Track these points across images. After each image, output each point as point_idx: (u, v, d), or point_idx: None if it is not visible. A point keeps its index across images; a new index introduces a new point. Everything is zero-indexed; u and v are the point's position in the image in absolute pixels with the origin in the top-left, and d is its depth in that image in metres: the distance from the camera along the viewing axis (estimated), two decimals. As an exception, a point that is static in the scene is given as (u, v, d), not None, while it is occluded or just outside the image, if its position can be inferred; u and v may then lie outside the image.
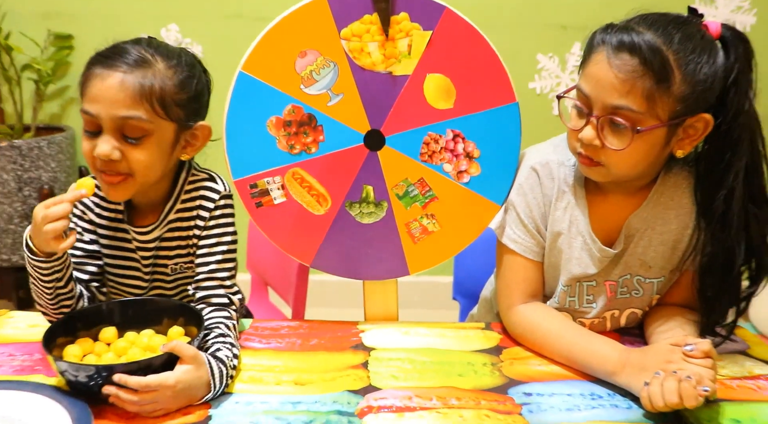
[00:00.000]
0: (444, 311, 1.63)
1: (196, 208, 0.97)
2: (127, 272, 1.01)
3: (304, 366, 0.92)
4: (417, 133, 0.99)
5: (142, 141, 0.88)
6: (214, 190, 0.98)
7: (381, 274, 1.05)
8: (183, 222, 0.98)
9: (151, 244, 0.99)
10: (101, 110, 0.86)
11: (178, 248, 0.99)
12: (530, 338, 0.96)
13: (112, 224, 0.99)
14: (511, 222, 0.99)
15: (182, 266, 1.00)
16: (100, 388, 0.79)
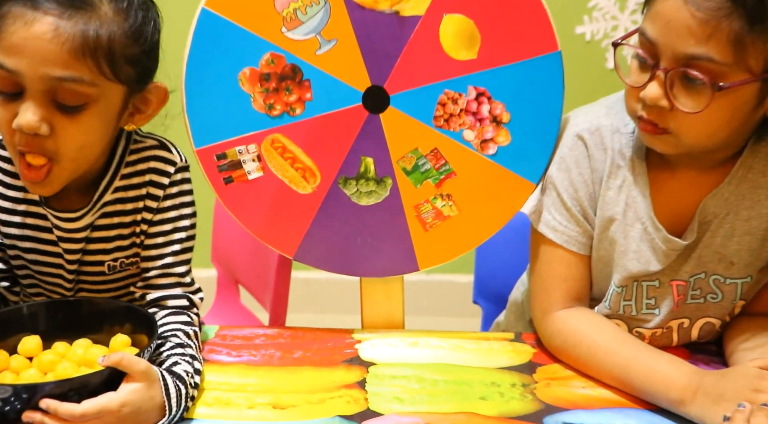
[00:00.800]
0: (462, 317, 1.64)
1: (143, 185, 0.92)
2: (46, 269, 0.95)
3: (284, 385, 0.90)
4: (430, 91, 0.97)
5: (81, 111, 0.82)
6: (167, 161, 0.93)
7: (383, 269, 1.04)
8: (125, 204, 0.92)
9: (79, 234, 0.92)
10: (26, 67, 0.79)
11: (119, 239, 0.94)
12: (573, 352, 0.94)
13: (22, 207, 0.92)
14: (550, 205, 0.97)
15: (123, 263, 0.95)
16: (19, 415, 0.75)
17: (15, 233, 0.93)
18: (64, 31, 0.79)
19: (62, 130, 0.81)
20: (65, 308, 0.90)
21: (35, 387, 0.75)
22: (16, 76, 0.79)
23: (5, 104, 0.81)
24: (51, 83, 0.80)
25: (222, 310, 1.46)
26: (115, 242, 0.94)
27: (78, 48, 0.79)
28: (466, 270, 2.07)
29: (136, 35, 0.84)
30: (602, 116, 0.95)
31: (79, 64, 0.80)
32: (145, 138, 0.95)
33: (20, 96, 0.80)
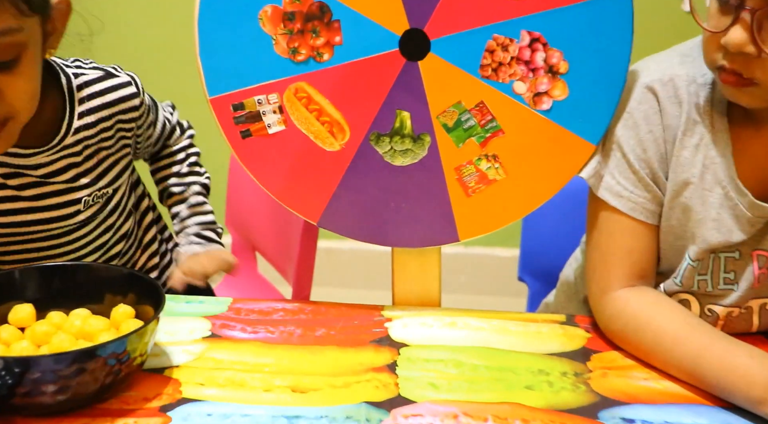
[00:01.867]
0: (504, 296, 1.63)
1: (110, 118, 1.02)
2: (6, 219, 0.98)
3: (305, 366, 0.90)
4: (477, 35, 0.95)
5: (19, 62, 0.85)
6: (124, 85, 1.03)
7: (418, 239, 1.03)
8: (99, 140, 1.02)
9: (43, 169, 0.98)
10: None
11: (97, 167, 1.02)
12: (634, 338, 0.93)
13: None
14: (614, 167, 0.95)
15: (96, 196, 1.02)
16: (10, 390, 0.75)
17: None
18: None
19: (9, 89, 0.84)
20: (61, 273, 0.90)
21: (28, 361, 0.75)
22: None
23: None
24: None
25: (237, 280, 1.46)
26: (84, 178, 1.00)
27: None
28: (509, 243, 2.07)
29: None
30: (676, 65, 0.93)
31: (2, 14, 0.81)
32: (84, 69, 1.01)
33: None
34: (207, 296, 1.06)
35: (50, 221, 0.99)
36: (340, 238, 1.05)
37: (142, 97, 1.05)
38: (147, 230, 1.13)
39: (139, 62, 2.02)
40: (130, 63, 1.07)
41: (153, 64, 0.93)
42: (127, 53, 2.00)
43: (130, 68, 1.05)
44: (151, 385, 0.85)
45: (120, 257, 1.07)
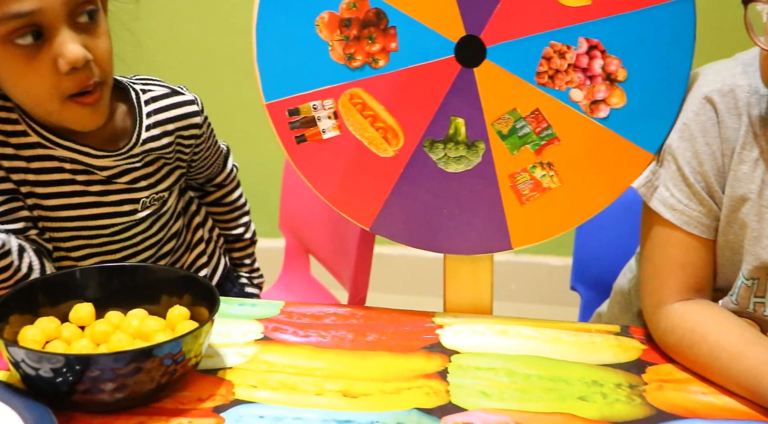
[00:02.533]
0: (555, 305, 1.61)
1: (172, 133, 1.04)
2: (74, 212, 1.00)
3: (356, 371, 0.90)
4: (534, 42, 0.95)
5: (95, 21, 0.89)
6: (189, 103, 1.06)
7: (471, 246, 1.03)
8: (160, 152, 1.04)
9: (108, 171, 1.00)
10: (42, 1, 0.83)
11: (154, 174, 1.04)
12: (690, 353, 0.91)
13: (24, 153, 0.96)
14: (668, 179, 0.93)
15: (153, 198, 1.04)
16: (71, 387, 0.77)
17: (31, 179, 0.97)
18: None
19: (95, 49, 0.88)
20: (120, 274, 0.91)
21: (88, 359, 0.77)
22: (36, 17, 0.83)
23: (35, 59, 0.85)
24: (69, 4, 0.84)
25: (290, 282, 1.47)
26: (142, 182, 1.01)
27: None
28: (561, 251, 2.05)
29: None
30: (738, 75, 0.91)
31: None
32: (151, 86, 1.03)
33: (43, 41, 0.85)
34: (260, 300, 1.07)
35: (112, 216, 1.01)
36: (391, 243, 1.05)
37: (204, 117, 1.07)
38: (195, 232, 1.14)
39: (197, 68, 2.05)
40: (187, 68, 1.09)
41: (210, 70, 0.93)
42: (185, 59, 2.03)
43: (187, 74, 1.07)
44: (205, 386, 0.85)
45: (171, 255, 1.09)
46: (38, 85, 0.87)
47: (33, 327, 0.84)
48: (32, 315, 0.86)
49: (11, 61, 0.86)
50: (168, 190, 1.05)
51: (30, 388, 0.80)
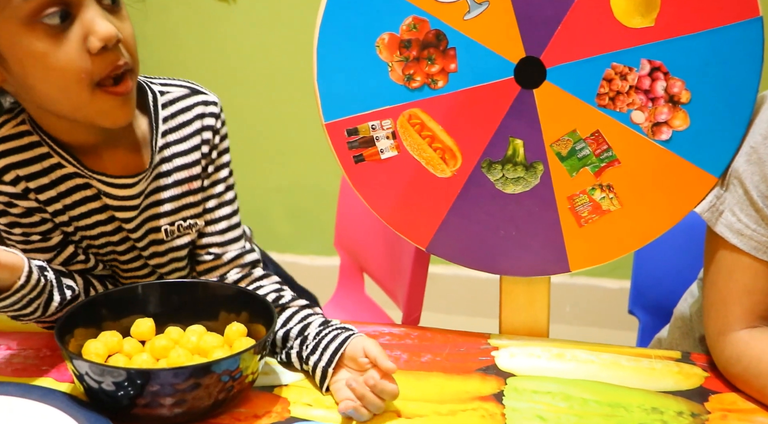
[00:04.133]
0: (612, 329, 1.59)
1: (193, 134, 0.95)
2: (113, 238, 0.95)
3: (410, 392, 0.90)
4: (595, 64, 0.94)
5: (120, 5, 0.84)
6: (210, 103, 0.97)
7: (528, 268, 1.02)
8: (179, 159, 0.95)
9: (135, 200, 0.93)
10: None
11: (180, 197, 0.96)
12: (757, 383, 0.88)
13: (60, 188, 0.91)
14: (735, 203, 0.91)
15: (181, 226, 0.97)
16: (132, 400, 0.78)
17: (73, 214, 0.93)
18: None
19: (123, 32, 0.83)
20: (180, 290, 0.93)
21: (149, 373, 0.78)
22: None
23: (61, 39, 0.80)
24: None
25: (344, 300, 1.47)
26: (177, 201, 0.96)
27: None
28: (617, 274, 2.02)
29: None
30: (809, 98, 0.89)
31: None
32: (170, 87, 0.96)
33: (69, 21, 0.80)
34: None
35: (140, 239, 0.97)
36: (446, 263, 1.04)
37: (220, 122, 0.97)
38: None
39: (257, 86, 2.08)
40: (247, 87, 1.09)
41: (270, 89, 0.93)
42: (246, 78, 2.06)
43: (247, 92, 1.06)
44: (261, 403, 0.86)
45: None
46: (67, 71, 0.81)
47: (96, 341, 0.86)
48: (95, 329, 0.88)
49: (39, 43, 0.80)
50: (200, 216, 0.97)
51: (93, 400, 0.82)
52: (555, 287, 1.12)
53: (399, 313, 1.33)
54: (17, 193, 0.90)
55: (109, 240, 0.96)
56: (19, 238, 0.92)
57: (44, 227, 0.92)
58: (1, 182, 0.89)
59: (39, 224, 0.92)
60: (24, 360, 0.93)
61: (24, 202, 0.90)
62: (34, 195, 0.90)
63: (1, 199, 0.90)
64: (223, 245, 0.97)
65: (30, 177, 0.90)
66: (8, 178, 0.89)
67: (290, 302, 0.96)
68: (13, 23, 0.79)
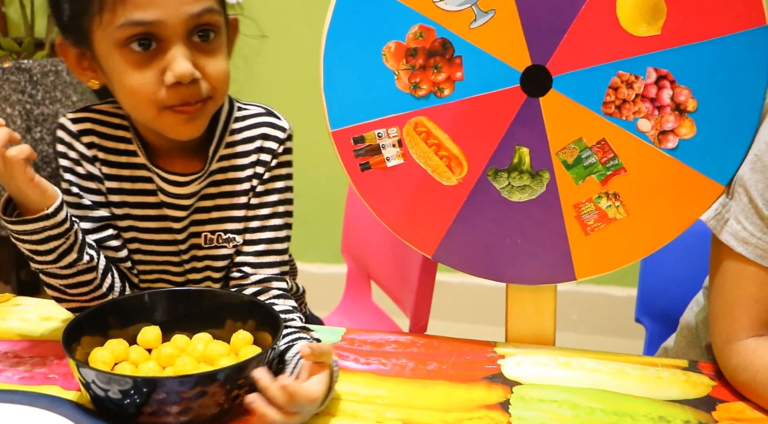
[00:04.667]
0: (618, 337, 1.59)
1: (252, 152, 0.97)
2: (157, 236, 0.99)
3: (417, 400, 0.89)
4: (601, 72, 0.94)
5: (215, 43, 0.90)
6: (277, 127, 0.99)
7: (534, 276, 1.02)
8: (234, 172, 0.98)
9: (188, 200, 0.97)
10: (166, 14, 0.85)
11: (226, 209, 0.98)
12: (764, 391, 0.88)
13: (126, 172, 0.97)
14: (740, 212, 0.91)
15: (221, 237, 0.99)
16: (138, 409, 0.78)
17: (127, 200, 0.98)
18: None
19: (208, 68, 0.89)
20: (187, 298, 0.93)
21: (155, 381, 0.78)
22: (155, 28, 0.85)
23: (145, 66, 0.87)
24: (189, 23, 0.86)
25: (351, 308, 1.47)
26: (221, 212, 0.98)
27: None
28: (624, 282, 2.01)
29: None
30: (815, 106, 0.88)
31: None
32: (249, 105, 1.00)
33: (157, 51, 0.86)
34: (320, 325, 1.06)
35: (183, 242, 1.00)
36: (452, 271, 1.04)
37: (283, 148, 0.98)
38: None
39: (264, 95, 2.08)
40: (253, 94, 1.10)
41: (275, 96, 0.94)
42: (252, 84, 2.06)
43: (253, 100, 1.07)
44: (267, 411, 0.86)
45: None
46: (141, 91, 0.87)
47: (103, 349, 0.86)
48: (102, 337, 0.88)
49: (124, 65, 0.87)
50: (240, 232, 0.99)
51: (99, 409, 0.82)
52: (561, 294, 1.12)
53: (406, 320, 1.33)
54: (87, 156, 0.97)
55: (152, 237, 0.99)
56: (73, 199, 0.97)
57: (97, 197, 0.97)
58: (78, 140, 0.97)
59: (94, 192, 0.97)
60: (31, 368, 0.93)
61: (90, 166, 0.97)
62: (100, 165, 0.97)
63: (72, 154, 0.97)
64: (255, 267, 0.97)
65: (104, 149, 0.97)
66: (85, 139, 0.97)
67: (288, 321, 0.94)
68: (110, 41, 0.87)
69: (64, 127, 0.97)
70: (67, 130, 0.97)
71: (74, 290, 0.93)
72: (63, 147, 0.97)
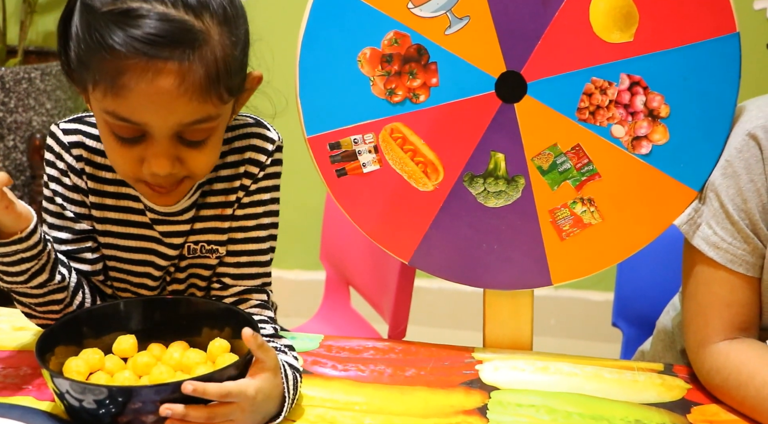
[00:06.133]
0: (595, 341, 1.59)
1: (240, 163, 0.95)
2: (137, 256, 0.98)
3: (395, 407, 0.90)
4: (575, 78, 0.95)
5: (207, 141, 0.86)
6: (266, 139, 0.96)
7: (510, 281, 1.02)
8: (220, 183, 0.96)
9: (179, 217, 0.96)
10: (155, 120, 0.82)
11: (210, 220, 0.97)
12: (737, 393, 0.89)
13: (112, 188, 0.96)
14: (711, 217, 0.92)
15: (204, 248, 0.98)
16: (114, 419, 0.78)
17: (109, 216, 0.96)
18: (188, 78, 0.80)
19: (192, 160, 0.86)
20: (163, 306, 0.92)
21: (131, 391, 0.77)
22: (142, 126, 0.83)
23: (127, 147, 0.85)
24: (180, 128, 0.83)
25: (330, 314, 1.47)
26: (197, 223, 0.96)
27: (203, 89, 0.81)
28: (602, 286, 2.02)
29: (240, 44, 0.86)
30: (783, 111, 0.89)
31: (206, 104, 0.83)
32: (239, 116, 0.97)
33: (140, 139, 0.84)
34: (299, 332, 1.06)
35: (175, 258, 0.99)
36: (431, 277, 1.05)
37: (270, 160, 0.96)
38: None
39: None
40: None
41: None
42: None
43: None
44: (245, 419, 0.86)
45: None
46: (118, 163, 0.87)
47: (77, 359, 0.85)
48: (76, 346, 0.87)
49: (107, 134, 0.85)
50: (224, 244, 0.97)
51: (74, 419, 0.80)
52: (539, 299, 1.13)
53: (385, 326, 1.34)
54: (75, 168, 0.95)
55: (132, 257, 0.97)
56: (56, 208, 0.95)
57: (80, 209, 0.96)
58: (68, 152, 0.95)
59: (78, 204, 0.96)
60: (3, 379, 0.92)
61: (76, 178, 0.95)
62: (86, 179, 0.95)
63: (60, 165, 0.95)
64: (235, 278, 0.96)
65: (91, 164, 0.95)
66: (75, 152, 0.95)
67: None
68: (98, 109, 0.85)
69: (55, 136, 0.95)
70: (57, 140, 0.95)
71: (44, 308, 0.92)
72: (51, 156, 0.95)
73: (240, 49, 0.85)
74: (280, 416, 0.83)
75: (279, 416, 0.83)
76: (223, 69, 0.82)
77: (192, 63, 0.80)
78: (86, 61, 0.81)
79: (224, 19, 0.83)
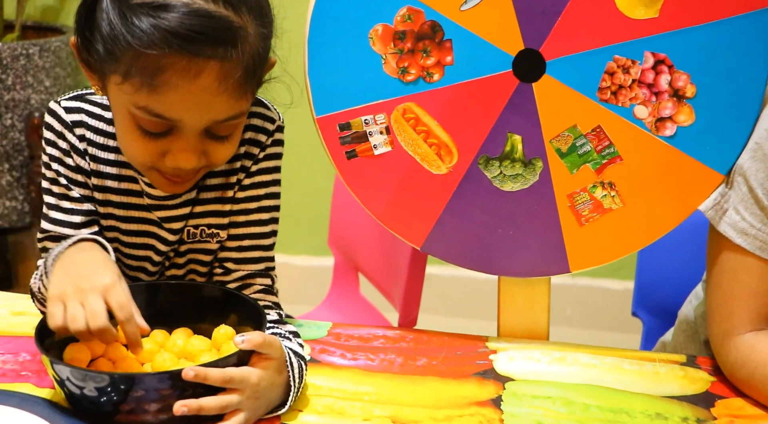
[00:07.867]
0: (614, 332, 1.59)
1: (241, 143, 0.95)
2: (138, 239, 0.98)
3: (405, 397, 0.90)
4: (596, 56, 0.95)
5: (233, 134, 0.88)
6: (267, 118, 0.97)
7: (526, 268, 1.03)
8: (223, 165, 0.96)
9: (174, 200, 0.96)
10: (190, 118, 0.84)
11: (210, 203, 0.97)
12: (764, 388, 0.89)
13: (111, 170, 0.96)
14: (739, 202, 0.92)
15: (204, 232, 0.98)
16: (116, 407, 0.78)
17: (111, 199, 0.97)
18: (228, 77, 0.82)
19: (215, 152, 0.88)
20: (166, 291, 0.93)
21: (133, 378, 0.78)
22: (174, 123, 0.84)
23: (151, 140, 0.85)
24: (211, 125, 0.85)
25: (338, 301, 1.48)
26: (197, 207, 0.97)
27: (240, 86, 0.84)
28: (621, 275, 2.02)
29: (270, 36, 0.88)
30: (817, 92, 0.89)
31: (241, 101, 0.85)
32: None
33: (165, 133, 0.85)
34: (306, 320, 1.06)
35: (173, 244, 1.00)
36: (443, 263, 1.05)
37: (271, 140, 0.97)
38: None
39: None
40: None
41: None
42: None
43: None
44: (250, 408, 0.86)
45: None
46: (135, 153, 0.88)
47: (78, 345, 0.85)
48: (78, 332, 0.88)
49: (128, 126, 0.86)
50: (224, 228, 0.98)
51: (74, 407, 0.81)
52: (555, 288, 1.13)
53: (395, 314, 1.34)
54: (78, 148, 0.95)
55: (133, 240, 0.98)
56: (61, 190, 0.95)
57: (84, 191, 0.96)
58: (70, 131, 0.95)
59: (82, 185, 0.96)
60: (2, 365, 0.92)
61: (80, 159, 0.95)
62: (89, 160, 0.96)
63: (63, 144, 0.95)
64: (238, 262, 0.97)
65: (94, 144, 0.95)
66: (78, 132, 0.95)
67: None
68: (121, 101, 0.85)
69: (56, 114, 0.95)
70: (59, 119, 0.95)
71: None
72: (52, 135, 0.95)
73: (269, 39, 0.87)
74: (286, 406, 0.83)
75: (284, 405, 0.83)
76: (257, 63, 0.86)
77: (232, 62, 0.82)
78: (117, 53, 0.82)
79: (259, 12, 0.85)
